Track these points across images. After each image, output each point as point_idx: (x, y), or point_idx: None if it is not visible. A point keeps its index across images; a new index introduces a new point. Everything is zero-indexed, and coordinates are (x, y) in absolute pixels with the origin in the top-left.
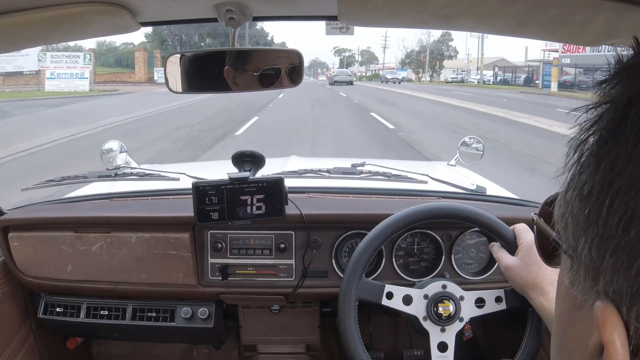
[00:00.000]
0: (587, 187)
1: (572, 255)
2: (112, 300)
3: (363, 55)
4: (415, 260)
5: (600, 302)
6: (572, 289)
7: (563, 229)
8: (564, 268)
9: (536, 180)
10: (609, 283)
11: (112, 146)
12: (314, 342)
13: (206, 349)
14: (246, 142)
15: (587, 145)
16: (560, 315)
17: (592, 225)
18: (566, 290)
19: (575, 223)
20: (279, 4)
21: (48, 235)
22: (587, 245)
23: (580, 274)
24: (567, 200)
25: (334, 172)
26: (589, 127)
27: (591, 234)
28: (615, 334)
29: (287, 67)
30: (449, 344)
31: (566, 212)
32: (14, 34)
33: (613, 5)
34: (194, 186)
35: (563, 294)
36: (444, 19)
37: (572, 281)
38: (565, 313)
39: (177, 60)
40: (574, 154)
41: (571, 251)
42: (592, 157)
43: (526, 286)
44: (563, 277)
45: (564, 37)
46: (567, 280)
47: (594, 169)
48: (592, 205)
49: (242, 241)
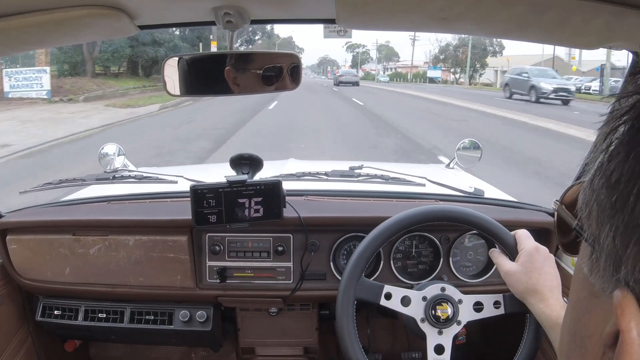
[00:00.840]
0: (615, 175)
1: (593, 244)
2: (110, 303)
3: (381, 51)
4: (413, 263)
5: (619, 291)
6: (590, 276)
7: (587, 217)
8: (583, 256)
9: None
10: (630, 272)
11: (109, 149)
12: (312, 345)
13: (204, 351)
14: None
15: (617, 134)
16: (576, 303)
17: (618, 213)
18: (584, 278)
19: (601, 210)
20: (277, 7)
21: (46, 238)
22: (611, 233)
23: (600, 262)
24: (593, 187)
25: (331, 175)
26: (620, 115)
27: (616, 222)
28: (632, 322)
29: (289, 66)
30: (446, 347)
31: (591, 200)
32: (10, 37)
33: (611, 8)
34: (191, 189)
35: (580, 282)
36: (442, 22)
37: (591, 269)
38: (582, 301)
39: (175, 63)
40: (603, 142)
41: (593, 239)
42: (623, 145)
43: (526, 292)
44: (582, 265)
45: (562, 40)
46: (586, 268)
47: (623, 158)
48: (619, 193)
49: (240, 244)
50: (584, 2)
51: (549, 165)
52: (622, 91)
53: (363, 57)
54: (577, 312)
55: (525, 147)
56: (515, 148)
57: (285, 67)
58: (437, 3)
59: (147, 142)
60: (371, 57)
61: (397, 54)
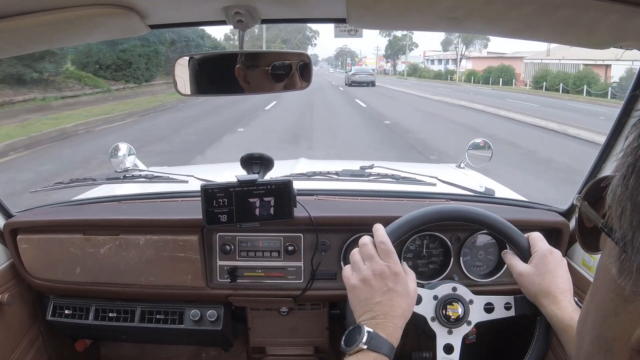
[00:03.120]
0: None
1: (624, 246)
2: (121, 303)
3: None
4: (423, 263)
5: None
6: (619, 279)
7: (618, 217)
8: (611, 256)
9: None
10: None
11: (120, 149)
12: (323, 344)
13: (215, 351)
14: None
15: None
16: (601, 304)
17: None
18: (611, 279)
19: (636, 212)
20: (287, 6)
21: (57, 238)
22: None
23: (632, 266)
24: (626, 184)
25: (342, 175)
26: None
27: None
28: None
29: (298, 64)
30: (455, 347)
31: (624, 199)
32: (21, 36)
33: (621, 7)
34: (202, 189)
35: (607, 283)
36: (452, 21)
37: (621, 271)
38: (609, 303)
39: (186, 62)
40: (637, 140)
41: (625, 241)
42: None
43: (539, 294)
44: (609, 265)
45: (572, 40)
46: (615, 269)
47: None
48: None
49: (251, 243)
50: (594, 2)
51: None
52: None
53: (400, 46)
54: (603, 314)
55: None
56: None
57: (294, 65)
58: (446, 3)
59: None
60: (416, 43)
61: (451, 41)
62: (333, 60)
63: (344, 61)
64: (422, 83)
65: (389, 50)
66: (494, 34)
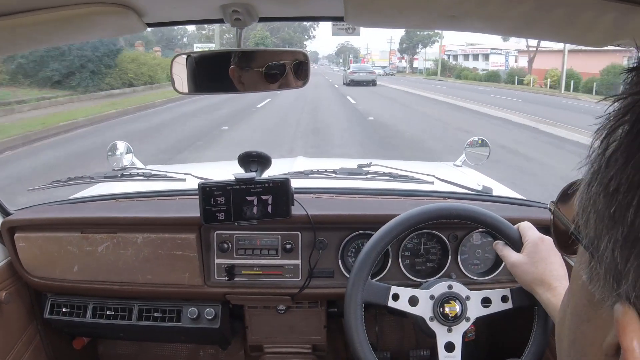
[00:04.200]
0: (613, 184)
1: (592, 252)
2: (119, 301)
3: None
4: (421, 261)
5: (620, 306)
6: (589, 285)
7: (584, 224)
8: (582, 262)
9: None
10: (631, 287)
11: (118, 147)
12: (321, 343)
13: (212, 349)
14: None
15: (614, 137)
16: (575, 309)
17: (617, 224)
18: (583, 285)
19: (599, 220)
20: (285, 4)
21: (54, 236)
22: (610, 245)
23: (600, 272)
24: (590, 194)
25: (340, 173)
26: (618, 118)
27: (615, 234)
28: (635, 341)
29: (292, 62)
30: (456, 344)
31: (588, 207)
32: (19, 35)
33: (619, 5)
34: (200, 187)
35: (579, 289)
36: (450, 19)
37: (591, 278)
38: (581, 308)
39: (184, 60)
40: (600, 144)
41: (592, 248)
42: (621, 151)
43: (533, 282)
44: (580, 272)
45: (570, 38)
46: (585, 275)
47: (622, 165)
48: (618, 204)
49: (249, 242)
50: (592, 0)
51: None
52: (621, 93)
53: (425, 33)
54: (577, 319)
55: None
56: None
57: (288, 65)
58: (445, 1)
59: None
60: (441, 34)
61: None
62: (334, 58)
63: (346, 58)
64: (482, 90)
65: (404, 44)
66: (493, 32)
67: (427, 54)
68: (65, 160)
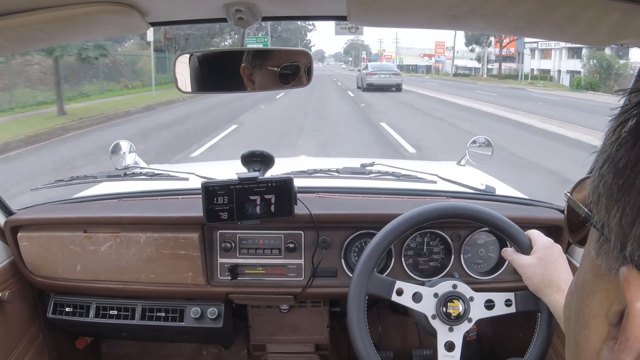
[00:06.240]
0: (622, 161)
1: (602, 228)
2: (122, 300)
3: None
4: (424, 260)
5: (625, 267)
6: (597, 259)
7: (595, 202)
8: (591, 240)
9: None
10: (636, 249)
11: (121, 146)
12: (323, 342)
13: (215, 348)
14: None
15: (625, 127)
16: (581, 286)
17: (624, 195)
18: (591, 261)
19: (608, 194)
20: (288, 4)
21: (57, 235)
22: (617, 214)
23: (608, 244)
24: (601, 173)
25: (343, 172)
26: (629, 110)
27: (623, 204)
28: (638, 294)
29: (306, 66)
30: (456, 344)
31: (599, 185)
32: (21, 34)
33: (622, 5)
34: (203, 186)
35: (587, 266)
36: (452, 19)
37: (598, 252)
38: (588, 284)
39: (187, 60)
40: (612, 135)
41: (602, 223)
42: (631, 134)
43: (542, 283)
44: (589, 249)
45: (573, 37)
46: (594, 251)
47: (631, 145)
48: (626, 177)
49: (252, 241)
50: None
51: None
52: (633, 87)
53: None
54: (582, 295)
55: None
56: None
57: (302, 66)
58: (447, 0)
59: None
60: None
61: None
62: (342, 56)
63: (358, 55)
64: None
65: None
66: (496, 32)
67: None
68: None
